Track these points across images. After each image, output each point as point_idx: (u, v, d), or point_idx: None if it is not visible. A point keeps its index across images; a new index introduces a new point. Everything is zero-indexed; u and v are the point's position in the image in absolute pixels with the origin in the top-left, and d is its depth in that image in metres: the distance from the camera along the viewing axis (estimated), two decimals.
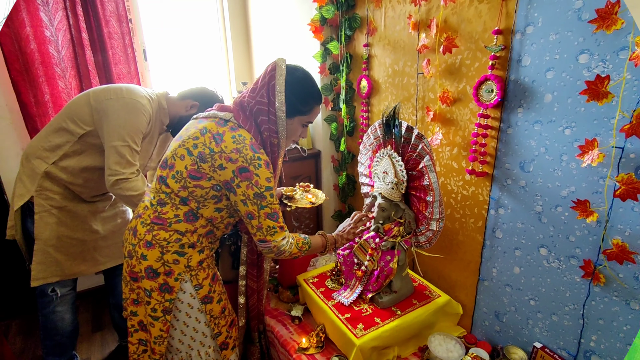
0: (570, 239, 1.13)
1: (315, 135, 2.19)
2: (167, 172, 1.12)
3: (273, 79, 1.08)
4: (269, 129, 1.11)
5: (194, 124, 1.13)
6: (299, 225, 2.21)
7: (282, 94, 1.08)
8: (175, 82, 2.65)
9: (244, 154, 1.04)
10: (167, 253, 1.12)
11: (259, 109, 1.10)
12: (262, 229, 1.11)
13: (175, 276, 1.14)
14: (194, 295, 1.18)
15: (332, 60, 2.00)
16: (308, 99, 1.14)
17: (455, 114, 1.42)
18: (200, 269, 1.18)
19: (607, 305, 1.08)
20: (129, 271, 1.17)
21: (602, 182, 1.03)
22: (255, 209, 1.08)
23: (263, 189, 1.07)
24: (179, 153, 1.10)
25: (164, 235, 1.12)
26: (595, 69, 0.99)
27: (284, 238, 1.14)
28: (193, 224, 1.14)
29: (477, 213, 1.42)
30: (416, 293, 1.55)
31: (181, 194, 1.11)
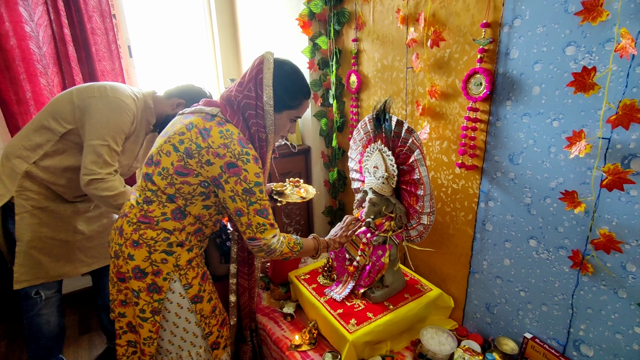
0: (559, 229, 1.15)
1: (305, 131, 2.18)
2: (152, 169, 1.09)
3: (261, 73, 1.07)
4: (256, 124, 1.09)
5: (180, 119, 1.11)
6: (290, 222, 2.19)
7: (269, 88, 1.07)
8: (161, 79, 2.61)
9: (231, 149, 1.02)
10: (154, 252, 1.10)
11: (247, 103, 1.08)
12: (252, 226, 1.09)
13: (164, 276, 1.12)
14: (183, 295, 1.16)
15: (321, 56, 1.99)
16: (296, 93, 1.13)
17: (444, 107, 1.42)
18: (190, 268, 1.16)
19: (596, 295, 1.10)
20: (116, 272, 1.15)
21: (589, 172, 1.04)
22: (244, 206, 1.06)
23: (252, 185, 1.05)
24: (164, 149, 1.07)
25: (151, 234, 1.10)
26: (581, 60, 1.00)
27: (275, 236, 1.12)
28: (181, 221, 1.12)
29: (467, 206, 1.43)
30: (408, 287, 1.55)
31: (168, 191, 1.08)
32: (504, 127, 1.23)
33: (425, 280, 1.60)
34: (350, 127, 1.96)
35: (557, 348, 1.23)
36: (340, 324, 1.35)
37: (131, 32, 2.33)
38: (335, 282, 1.58)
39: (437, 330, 1.41)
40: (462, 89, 1.29)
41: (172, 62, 2.64)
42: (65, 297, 2.33)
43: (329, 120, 2.10)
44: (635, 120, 0.91)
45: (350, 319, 1.36)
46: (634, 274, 1.01)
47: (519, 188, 1.23)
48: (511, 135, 1.21)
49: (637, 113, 0.90)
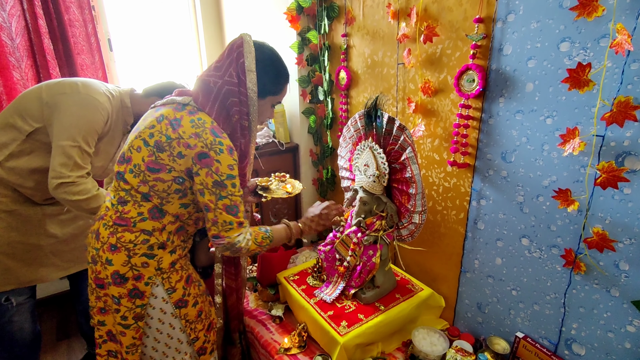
0: (552, 228, 1.14)
1: (293, 129, 2.14)
2: (124, 167, 1.04)
3: (242, 57, 1.01)
4: (240, 111, 1.04)
5: (152, 112, 1.06)
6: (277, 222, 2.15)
7: (253, 73, 1.01)
8: (143, 73, 2.52)
9: (203, 138, 0.97)
10: (134, 256, 1.04)
11: (229, 89, 1.02)
12: (218, 223, 1.02)
13: (146, 280, 1.06)
14: (166, 299, 1.10)
15: (310, 51, 1.95)
16: (279, 78, 1.09)
17: (436, 104, 1.40)
18: (173, 271, 1.11)
19: (588, 294, 1.09)
20: (94, 278, 1.08)
21: (583, 170, 1.03)
22: (213, 200, 0.99)
23: (224, 177, 0.99)
24: (135, 145, 1.02)
25: (129, 237, 1.04)
26: (576, 57, 0.99)
27: (240, 234, 1.05)
28: (160, 221, 1.06)
29: (459, 205, 1.41)
30: (399, 287, 1.53)
31: (142, 190, 1.03)
32: (496, 125, 1.21)
33: (416, 280, 1.59)
34: (339, 125, 1.92)
35: (548, 347, 1.22)
36: (330, 326, 1.32)
37: (111, 24, 2.24)
38: (325, 283, 1.54)
39: (429, 331, 1.39)
40: (454, 86, 1.27)
41: (155, 56, 2.56)
42: (43, 300, 2.24)
43: (318, 117, 2.06)
44: (629, 117, 0.90)
45: (341, 321, 1.33)
46: (627, 273, 1.00)
47: (512, 186, 1.22)
48: (504, 133, 1.20)
49: (631, 110, 0.89)
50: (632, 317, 1.02)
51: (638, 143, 0.92)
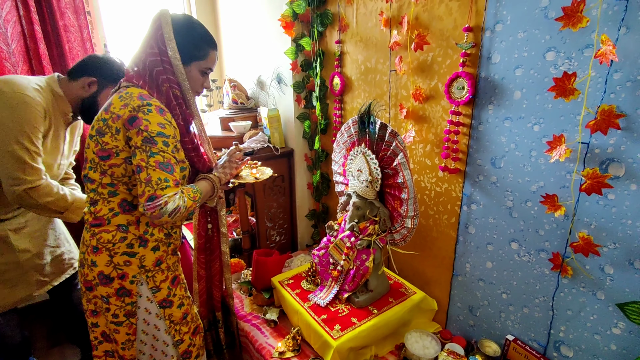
0: (540, 232, 1.16)
1: (288, 134, 2.15)
2: (87, 168, 1.07)
3: (160, 29, 1.04)
4: (167, 80, 1.06)
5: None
6: (273, 225, 2.16)
7: (172, 42, 1.04)
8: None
9: (131, 105, 0.99)
10: (115, 255, 1.07)
11: (152, 61, 1.05)
12: (152, 181, 0.95)
13: (130, 279, 1.08)
14: (150, 298, 1.12)
15: (304, 57, 1.97)
16: (201, 44, 1.10)
17: (427, 111, 1.42)
18: (158, 270, 1.12)
19: (575, 297, 1.12)
20: (83, 281, 1.11)
21: (569, 176, 1.06)
22: (144, 158, 0.96)
23: (154, 134, 0.97)
24: (88, 144, 1.06)
25: (106, 237, 1.06)
26: (561, 66, 1.01)
27: (176, 193, 0.99)
28: (132, 213, 1.08)
29: (450, 209, 1.43)
30: (392, 291, 1.55)
31: (105, 181, 1.05)
32: (486, 131, 1.24)
33: (409, 284, 1.60)
34: (333, 130, 1.94)
35: (538, 349, 1.24)
36: (324, 329, 1.33)
37: (107, 29, 2.24)
38: (319, 287, 1.55)
39: (421, 334, 1.41)
40: (444, 93, 1.29)
41: None
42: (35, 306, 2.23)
43: (312, 122, 2.07)
44: (613, 125, 0.92)
45: (334, 325, 1.34)
46: (612, 276, 1.03)
47: (501, 191, 1.24)
48: (493, 139, 1.22)
49: (614, 118, 0.92)
50: (617, 320, 1.04)
51: (621, 150, 0.95)
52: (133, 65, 1.08)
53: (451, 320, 1.54)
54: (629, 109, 0.92)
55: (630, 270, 0.99)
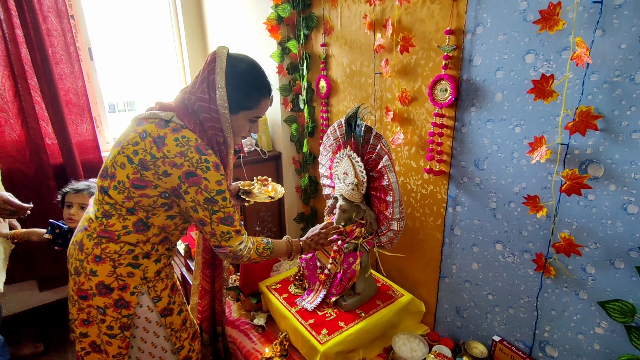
0: (523, 233, 1.17)
1: (275, 137, 2.15)
2: (108, 183, 1.03)
3: (213, 73, 1.01)
4: (212, 127, 1.05)
5: (133, 126, 1.05)
6: (262, 229, 2.15)
7: (223, 89, 1.01)
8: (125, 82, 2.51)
9: (189, 157, 0.98)
10: (119, 266, 1.05)
11: (200, 106, 1.03)
12: (216, 235, 1.05)
13: (131, 290, 1.07)
14: (152, 308, 1.11)
15: (290, 60, 1.97)
16: (252, 93, 1.07)
17: (412, 113, 1.43)
18: (158, 279, 1.11)
19: (558, 297, 1.13)
20: (77, 289, 1.08)
21: (550, 177, 1.06)
22: (207, 215, 1.02)
23: (214, 193, 1.01)
24: (118, 161, 1.01)
25: (114, 248, 1.04)
26: (540, 68, 1.02)
27: (241, 243, 1.08)
28: (144, 233, 1.07)
29: (436, 211, 1.44)
30: (380, 293, 1.55)
31: (126, 205, 1.03)
32: (469, 133, 1.25)
33: (396, 286, 1.60)
34: (320, 133, 1.94)
35: (524, 350, 1.25)
36: (311, 334, 1.32)
37: (92, 33, 2.22)
38: (306, 291, 1.55)
39: (409, 337, 1.41)
40: (428, 95, 1.30)
41: (137, 65, 2.55)
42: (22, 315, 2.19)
43: (300, 125, 2.07)
44: (590, 126, 0.93)
45: (321, 329, 1.34)
46: (593, 276, 1.04)
47: (485, 193, 1.25)
48: (476, 141, 1.23)
49: (592, 120, 0.93)
50: (599, 319, 1.05)
51: (599, 151, 0.96)
52: (182, 103, 1.05)
53: (439, 322, 1.54)
54: (606, 110, 0.93)
55: (611, 270, 1.00)
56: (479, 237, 1.31)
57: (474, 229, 1.31)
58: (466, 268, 1.38)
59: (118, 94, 2.72)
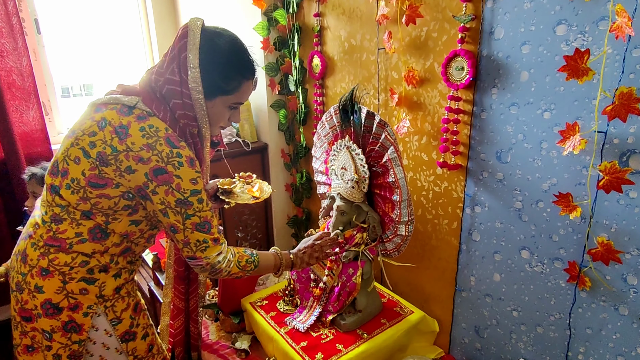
0: (554, 238, 1.18)
1: (261, 125, 2.14)
2: (59, 181, 1.01)
3: (185, 50, 1.00)
4: (184, 115, 1.03)
5: (89, 113, 1.03)
6: (244, 236, 2.15)
7: (196, 70, 1.00)
8: (80, 59, 2.49)
9: (158, 150, 0.96)
10: (70, 281, 1.03)
11: (170, 89, 1.02)
12: (190, 244, 1.04)
13: (84, 310, 1.05)
14: (110, 332, 1.10)
15: (278, 34, 1.96)
16: (232, 74, 1.05)
17: (422, 96, 1.43)
18: (118, 297, 1.10)
19: (595, 312, 1.13)
20: (19, 309, 1.06)
21: (585, 172, 1.07)
22: (180, 220, 1.01)
23: (188, 194, 1.00)
24: (72, 155, 1.00)
25: (64, 259, 1.02)
26: (573, 42, 1.02)
27: (220, 254, 1.07)
28: (102, 242, 1.05)
29: (451, 213, 1.44)
30: (385, 310, 1.55)
31: (81, 208, 1.01)
32: (489, 119, 1.25)
33: (405, 301, 1.61)
34: (314, 120, 1.94)
35: None
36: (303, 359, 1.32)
37: (39, 3, 2.20)
38: (298, 308, 1.55)
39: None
40: (441, 75, 1.30)
41: (95, 40, 2.52)
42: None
43: (289, 111, 2.07)
44: (633, 111, 0.93)
45: (316, 353, 1.34)
46: (636, 288, 1.04)
47: (509, 190, 1.25)
48: (498, 129, 1.23)
49: (634, 103, 0.93)
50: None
51: None
52: (148, 86, 1.03)
53: (455, 344, 1.55)
54: None
55: None
56: (501, 243, 1.31)
57: (496, 234, 1.32)
58: (487, 280, 1.38)
59: (73, 75, 2.69)
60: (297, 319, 1.49)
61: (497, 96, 1.21)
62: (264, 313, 1.55)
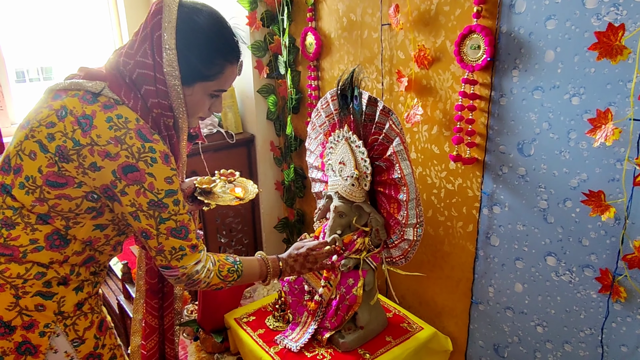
0: (584, 242, 1.18)
1: (247, 114, 2.14)
2: (11, 179, 1.01)
3: (159, 29, 0.99)
4: (158, 104, 1.03)
5: (47, 100, 1.03)
6: (228, 242, 2.15)
7: (172, 52, 1.00)
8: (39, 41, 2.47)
9: (127, 144, 0.96)
10: (24, 296, 1.03)
11: (141, 74, 1.01)
12: (164, 251, 1.04)
13: (41, 329, 1.05)
14: (71, 354, 1.09)
15: (266, 7, 1.96)
16: (214, 57, 1.05)
17: (433, 79, 1.43)
18: (80, 314, 1.10)
19: (631, 327, 1.14)
20: None
21: (619, 166, 1.07)
22: (153, 224, 1.01)
23: (162, 195, 1.00)
24: (26, 149, 0.99)
25: (17, 271, 1.02)
26: (606, 16, 1.03)
27: (198, 262, 1.08)
28: (61, 250, 1.05)
29: (466, 214, 1.45)
30: (390, 327, 1.56)
31: (37, 210, 1.01)
32: (510, 106, 1.25)
33: (413, 316, 1.61)
34: (308, 107, 1.94)
35: None
36: None
37: None
38: (290, 324, 1.55)
39: None
40: (455, 54, 1.30)
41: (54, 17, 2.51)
42: None
43: (279, 97, 2.07)
44: None
45: None
46: None
47: (532, 188, 1.26)
48: (520, 117, 1.24)
49: None
50: None
51: None
52: (116, 70, 1.02)
53: None
54: None
55: None
56: (524, 249, 1.32)
57: (518, 238, 1.32)
58: (507, 290, 1.39)
59: (28, 57, 2.68)
60: (289, 337, 1.50)
61: (519, 79, 1.21)
62: (250, 330, 1.56)
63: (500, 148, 1.30)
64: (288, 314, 1.59)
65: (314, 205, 2.09)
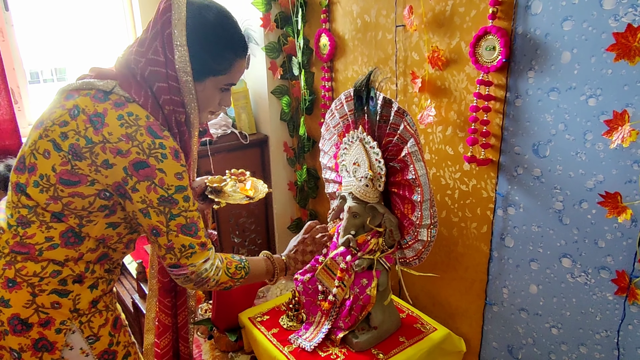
0: (600, 244, 1.18)
1: (260, 115, 2.15)
2: (26, 178, 1.03)
3: (169, 26, 1.01)
4: (171, 101, 1.05)
5: (60, 101, 1.05)
6: (242, 241, 2.17)
7: (183, 48, 1.01)
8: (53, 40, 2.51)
9: (138, 141, 0.97)
10: (41, 294, 1.05)
11: (153, 71, 1.03)
12: (174, 249, 1.04)
13: (57, 326, 1.06)
14: (86, 351, 1.11)
15: (280, 9, 1.97)
16: (224, 52, 1.07)
17: (448, 80, 1.43)
18: (95, 312, 1.12)
19: None
20: None
21: (636, 167, 1.07)
22: (163, 221, 1.02)
23: (172, 190, 1.01)
24: (40, 148, 1.01)
25: (33, 269, 1.04)
26: (624, 17, 1.02)
27: (207, 260, 1.08)
28: (76, 248, 1.07)
29: (480, 215, 1.45)
30: (403, 327, 1.56)
31: (52, 208, 1.03)
32: (525, 107, 1.25)
33: (427, 317, 1.62)
34: (321, 108, 1.95)
35: None
36: None
37: None
38: (304, 324, 1.56)
39: None
40: (469, 55, 1.31)
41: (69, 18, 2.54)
42: None
43: (293, 98, 2.08)
44: None
45: None
46: None
47: (547, 189, 1.26)
48: (535, 118, 1.24)
49: None
50: None
51: None
52: (127, 68, 1.05)
53: None
54: None
55: None
56: (539, 250, 1.32)
57: (533, 239, 1.32)
58: (522, 292, 1.39)
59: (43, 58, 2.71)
60: (302, 336, 1.51)
61: (534, 80, 1.21)
62: (264, 330, 1.57)
63: (515, 149, 1.31)
64: (302, 313, 1.60)
65: (326, 205, 2.10)
